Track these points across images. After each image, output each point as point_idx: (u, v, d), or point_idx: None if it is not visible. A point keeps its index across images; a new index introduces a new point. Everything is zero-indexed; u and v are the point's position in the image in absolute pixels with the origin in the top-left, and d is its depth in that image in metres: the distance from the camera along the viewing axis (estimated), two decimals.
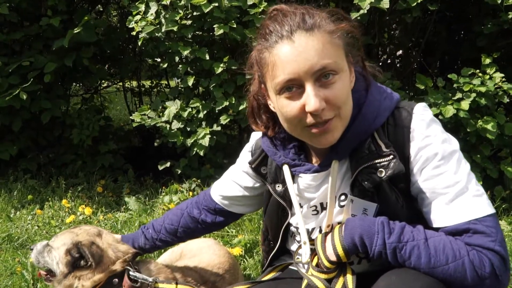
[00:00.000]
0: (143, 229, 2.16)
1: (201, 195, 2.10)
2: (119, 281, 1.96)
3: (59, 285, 1.97)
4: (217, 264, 2.43)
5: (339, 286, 1.45)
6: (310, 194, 1.62)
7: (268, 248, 1.92)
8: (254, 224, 3.44)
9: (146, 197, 4.35)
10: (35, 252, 2.11)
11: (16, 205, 4.34)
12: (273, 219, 1.79)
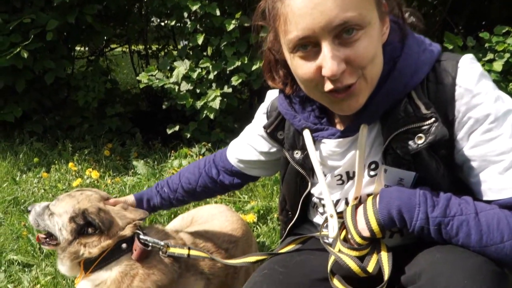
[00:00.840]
0: (158, 188, 2.03)
1: (217, 154, 1.96)
2: (128, 246, 1.85)
3: (63, 252, 1.85)
4: (230, 230, 2.30)
5: (372, 265, 1.30)
6: (335, 162, 1.45)
7: (286, 219, 1.77)
8: (267, 190, 3.30)
9: (155, 161, 4.23)
10: (34, 214, 1.99)
11: (22, 168, 4.24)
12: (291, 188, 1.63)
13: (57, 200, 1.97)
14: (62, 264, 1.86)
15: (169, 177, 2.06)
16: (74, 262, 1.83)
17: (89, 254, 1.81)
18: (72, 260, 1.82)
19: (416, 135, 1.23)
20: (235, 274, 2.12)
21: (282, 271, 1.51)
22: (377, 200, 1.28)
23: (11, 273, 2.52)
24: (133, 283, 1.79)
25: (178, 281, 1.88)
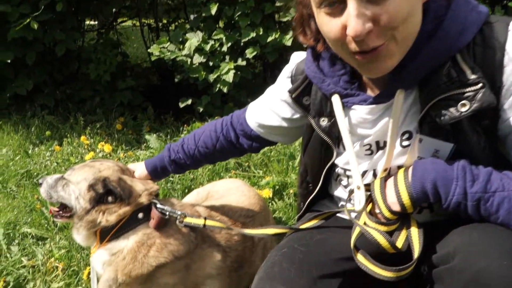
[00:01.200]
0: (171, 155, 1.95)
1: (234, 116, 1.87)
2: (144, 215, 1.81)
3: (80, 221, 1.81)
4: (247, 206, 2.24)
5: (401, 241, 1.23)
6: (365, 131, 1.36)
7: (306, 192, 1.70)
8: (282, 166, 3.23)
9: (167, 136, 4.17)
10: (46, 187, 1.95)
11: (34, 141, 4.21)
12: (315, 158, 1.55)
13: (72, 170, 1.93)
14: (78, 233, 1.83)
15: (182, 140, 1.96)
16: (91, 231, 1.80)
17: (106, 222, 1.77)
18: (89, 229, 1.79)
19: (459, 102, 1.13)
20: (252, 248, 2.07)
21: (302, 250, 1.44)
22: (410, 172, 1.19)
23: (25, 246, 2.51)
24: (149, 253, 1.76)
25: (194, 252, 1.85)
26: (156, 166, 1.99)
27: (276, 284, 1.32)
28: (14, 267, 2.31)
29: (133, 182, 1.89)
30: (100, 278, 1.79)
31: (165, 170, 2.00)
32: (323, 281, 1.34)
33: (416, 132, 1.25)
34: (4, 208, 2.96)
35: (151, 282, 1.76)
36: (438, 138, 1.20)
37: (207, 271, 1.86)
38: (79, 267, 2.23)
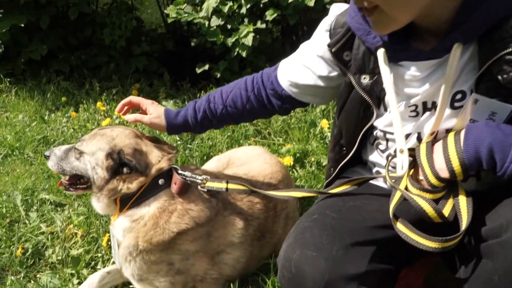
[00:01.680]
0: (198, 116, 1.82)
1: (265, 74, 1.76)
2: (165, 181, 1.75)
3: (99, 191, 1.75)
4: (269, 173, 2.16)
5: (447, 209, 1.14)
6: (412, 89, 1.25)
7: (339, 156, 1.60)
8: (303, 133, 3.13)
9: (184, 102, 4.07)
10: (55, 160, 1.86)
11: (50, 107, 4.16)
12: (352, 119, 1.45)
13: (83, 140, 1.84)
14: (98, 202, 1.77)
15: (207, 98, 1.82)
16: (112, 199, 1.74)
17: (127, 190, 1.71)
18: (110, 197, 1.74)
19: None
20: (275, 217, 2.00)
21: (334, 216, 1.37)
22: (462, 136, 1.09)
23: (43, 213, 2.48)
24: (171, 219, 1.70)
25: (216, 219, 1.79)
26: (177, 123, 1.85)
27: (307, 250, 1.26)
28: (33, 233, 2.28)
29: (149, 149, 1.81)
30: (121, 245, 1.75)
31: (185, 128, 1.88)
32: (356, 248, 1.27)
33: (470, 91, 1.14)
34: (22, 174, 2.93)
35: (172, 249, 1.71)
36: (497, 99, 1.09)
37: (228, 238, 1.80)
38: (98, 233, 2.20)
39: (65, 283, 1.95)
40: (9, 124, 3.80)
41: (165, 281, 1.74)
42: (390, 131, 1.36)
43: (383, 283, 1.32)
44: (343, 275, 1.22)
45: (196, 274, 1.74)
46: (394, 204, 1.22)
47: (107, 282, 1.89)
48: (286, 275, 1.30)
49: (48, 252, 2.15)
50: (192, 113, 1.83)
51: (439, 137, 1.20)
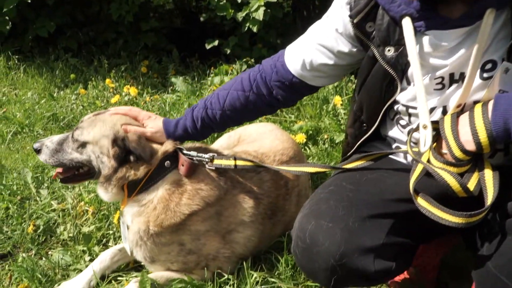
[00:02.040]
0: (197, 124, 1.74)
1: (266, 67, 1.64)
2: (171, 163, 1.71)
3: (107, 181, 1.70)
4: (281, 150, 2.11)
5: (473, 183, 1.09)
6: (439, 60, 1.19)
7: (359, 132, 1.55)
8: (315, 110, 3.06)
9: (194, 79, 4.02)
10: (49, 153, 1.77)
11: (59, 84, 4.13)
12: (374, 94, 1.39)
13: (81, 128, 1.75)
14: (107, 192, 1.71)
15: (204, 104, 1.73)
16: (119, 187, 1.70)
17: (134, 176, 1.67)
18: (118, 186, 1.69)
19: None
20: (286, 195, 1.96)
21: (351, 188, 1.34)
22: (490, 107, 1.04)
23: (54, 190, 2.47)
24: (181, 201, 1.67)
25: (225, 198, 1.76)
26: (178, 136, 1.77)
27: (323, 221, 1.23)
28: (44, 210, 2.28)
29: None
30: (130, 229, 1.72)
31: (187, 138, 1.80)
32: (373, 220, 1.24)
33: (501, 60, 1.08)
34: (32, 152, 2.92)
35: (183, 230, 1.69)
36: None
37: (239, 217, 1.77)
38: (109, 211, 2.18)
39: (76, 260, 1.94)
40: (18, 101, 3.78)
41: (177, 261, 1.72)
42: (413, 106, 1.30)
43: (400, 258, 1.29)
44: (359, 247, 1.20)
45: (208, 253, 1.72)
46: (415, 179, 1.17)
47: (118, 259, 1.88)
48: (300, 245, 1.28)
49: (60, 229, 2.15)
50: (191, 124, 1.75)
51: (466, 111, 1.14)
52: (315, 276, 1.31)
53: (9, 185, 2.47)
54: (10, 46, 4.79)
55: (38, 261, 1.91)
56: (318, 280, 1.33)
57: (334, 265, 1.20)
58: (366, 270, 1.21)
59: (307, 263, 1.29)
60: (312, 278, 1.36)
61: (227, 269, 1.75)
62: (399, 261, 1.28)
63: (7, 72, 4.43)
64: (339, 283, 1.28)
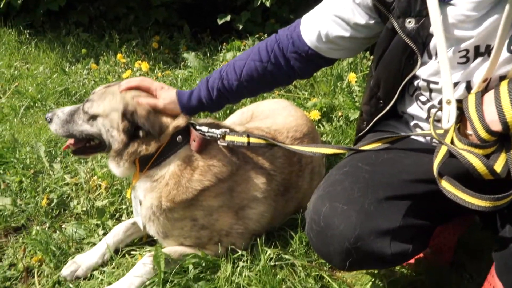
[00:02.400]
0: (212, 95, 1.69)
1: (281, 37, 1.59)
2: (183, 138, 1.69)
3: (118, 155, 1.68)
4: (294, 126, 2.08)
5: (500, 165, 1.05)
6: (464, 32, 1.13)
7: (374, 109, 1.50)
8: (329, 87, 3.01)
9: (205, 55, 3.96)
10: (59, 123, 1.76)
11: (71, 59, 4.11)
12: (392, 69, 1.34)
13: (91, 101, 1.73)
14: (119, 166, 1.70)
15: (219, 74, 1.68)
16: (131, 162, 1.68)
17: (146, 151, 1.65)
18: (130, 161, 1.67)
19: None
20: (299, 172, 1.94)
21: (367, 169, 1.30)
22: None
23: (67, 164, 2.47)
24: (193, 177, 1.65)
25: (237, 173, 1.74)
26: (192, 107, 1.72)
27: (337, 203, 1.21)
28: (57, 184, 2.28)
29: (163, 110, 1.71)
30: (142, 205, 1.71)
31: (200, 110, 1.76)
32: (390, 202, 1.22)
33: None
34: (44, 126, 2.92)
35: (195, 206, 1.68)
36: None
37: (251, 193, 1.76)
38: (122, 186, 2.18)
39: (90, 233, 1.95)
40: (30, 76, 3.77)
41: (190, 237, 1.71)
42: (435, 81, 1.25)
43: (417, 240, 1.27)
44: (375, 229, 1.18)
45: (221, 228, 1.71)
46: (439, 162, 1.13)
47: (132, 233, 1.88)
48: (315, 228, 1.26)
49: (73, 203, 2.15)
50: (206, 94, 1.69)
51: (491, 86, 1.09)
52: (330, 258, 1.30)
53: (22, 158, 2.48)
54: (21, 21, 4.75)
55: (52, 234, 1.93)
56: (333, 262, 1.31)
57: (349, 248, 1.19)
58: (382, 253, 1.19)
59: (321, 246, 1.27)
60: (327, 260, 1.34)
61: (241, 245, 1.74)
62: (416, 243, 1.26)
63: (18, 47, 4.41)
64: (354, 266, 1.26)
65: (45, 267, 1.77)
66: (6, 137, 2.70)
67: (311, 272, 1.66)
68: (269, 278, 1.58)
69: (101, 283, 1.69)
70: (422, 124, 1.40)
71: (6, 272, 1.77)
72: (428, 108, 1.33)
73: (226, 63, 3.39)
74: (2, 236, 2.00)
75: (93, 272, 1.74)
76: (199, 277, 1.65)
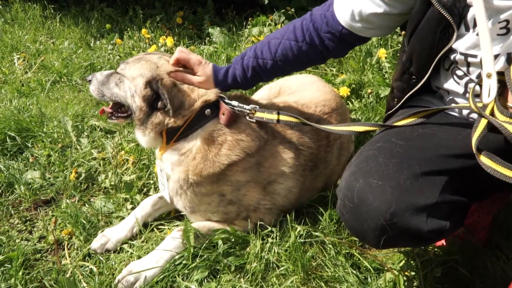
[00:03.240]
0: (247, 73, 1.68)
1: (316, 16, 1.57)
2: (212, 112, 1.66)
3: (142, 124, 1.66)
4: (322, 101, 2.02)
5: None
6: (504, 2, 1.07)
7: (407, 85, 1.45)
8: (358, 63, 2.92)
9: (230, 30, 3.89)
10: (96, 84, 1.78)
11: (95, 34, 4.09)
12: (426, 43, 1.28)
13: (126, 63, 1.73)
14: (144, 135, 1.68)
15: (254, 52, 1.67)
16: (157, 132, 1.66)
17: (174, 124, 1.63)
18: (156, 131, 1.65)
19: None
20: (327, 147, 1.89)
21: (401, 144, 1.26)
22: None
23: (94, 139, 2.48)
24: (221, 151, 1.63)
25: (265, 148, 1.71)
26: (227, 85, 1.72)
27: (371, 179, 1.17)
28: (85, 158, 2.29)
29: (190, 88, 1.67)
30: (170, 178, 1.70)
31: (234, 87, 1.76)
32: (426, 178, 1.17)
33: None
34: (71, 101, 2.93)
35: (223, 181, 1.66)
36: None
37: (279, 168, 1.72)
38: (150, 160, 2.17)
39: (118, 207, 1.95)
40: (56, 50, 3.78)
41: (217, 212, 1.70)
42: (473, 54, 1.20)
43: (454, 217, 1.22)
44: (411, 205, 1.13)
45: (248, 204, 1.69)
46: (478, 136, 1.08)
47: (160, 207, 1.88)
48: (348, 204, 1.22)
49: (101, 177, 2.16)
50: (241, 72, 1.69)
51: None
52: (363, 236, 1.26)
53: (49, 133, 2.49)
54: None
55: (81, 208, 1.94)
56: (367, 240, 1.27)
57: (384, 224, 1.15)
58: (419, 229, 1.14)
59: (354, 222, 1.23)
60: (360, 238, 1.30)
61: (269, 220, 1.72)
62: (452, 220, 1.21)
63: (43, 22, 4.42)
64: (388, 243, 1.22)
65: (75, 240, 1.78)
66: (33, 111, 2.72)
67: (341, 250, 1.64)
68: (299, 255, 1.56)
69: (130, 256, 1.69)
70: (458, 100, 1.34)
71: (36, 245, 1.79)
72: (465, 83, 1.27)
73: (252, 38, 3.34)
74: (31, 209, 2.02)
75: (123, 246, 1.75)
76: (228, 253, 1.64)
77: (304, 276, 1.54)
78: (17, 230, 1.89)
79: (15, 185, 2.11)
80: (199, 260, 1.58)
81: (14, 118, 2.56)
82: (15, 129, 2.50)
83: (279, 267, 1.58)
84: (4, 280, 1.59)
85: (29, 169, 2.24)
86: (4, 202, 2.03)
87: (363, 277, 1.56)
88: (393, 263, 1.59)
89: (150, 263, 1.57)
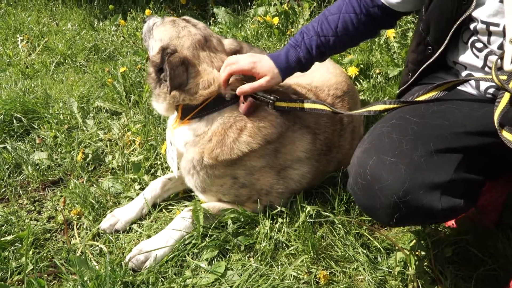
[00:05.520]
0: (312, 53, 1.62)
1: None
2: (232, 97, 1.62)
3: (154, 89, 1.68)
4: (334, 84, 1.99)
5: None
6: None
7: (422, 56, 1.42)
8: (366, 43, 2.87)
9: (235, 11, 3.84)
10: (146, 28, 1.85)
11: (98, 15, 4.04)
12: (445, 9, 1.25)
13: (162, 22, 1.77)
14: (157, 102, 1.69)
15: (315, 31, 1.60)
16: (171, 105, 1.65)
17: (190, 101, 1.61)
18: (169, 103, 1.64)
19: None
20: (341, 131, 1.88)
21: (416, 120, 1.24)
22: None
23: (100, 120, 2.46)
24: (241, 137, 1.59)
25: (285, 135, 1.68)
26: (292, 72, 1.64)
27: (385, 157, 1.16)
28: (92, 140, 2.28)
29: (208, 64, 1.64)
30: (183, 156, 1.69)
31: (297, 69, 1.65)
32: (441, 155, 1.16)
33: None
34: (76, 82, 2.91)
35: (238, 165, 1.64)
36: None
37: (296, 154, 1.70)
38: (157, 141, 2.16)
39: (126, 188, 1.95)
40: (59, 32, 3.74)
41: (229, 194, 1.69)
42: (495, 22, 1.16)
43: (467, 195, 1.21)
44: (424, 183, 1.12)
45: (261, 188, 1.68)
46: (501, 111, 1.06)
47: (169, 188, 1.87)
48: (360, 182, 1.21)
49: (108, 158, 2.15)
50: (306, 53, 1.61)
51: None
52: (375, 213, 1.25)
53: (55, 114, 2.48)
54: None
55: (89, 188, 1.93)
56: (378, 218, 1.27)
57: (397, 202, 1.13)
58: (432, 207, 1.13)
59: (367, 200, 1.22)
60: (372, 215, 1.30)
61: (279, 204, 1.71)
62: (466, 198, 1.19)
63: (46, 3, 4.36)
64: (401, 221, 1.21)
65: (84, 219, 1.78)
66: (38, 93, 2.70)
67: (351, 229, 1.63)
68: (309, 235, 1.55)
69: (140, 236, 1.70)
70: (476, 74, 1.31)
71: (45, 225, 1.80)
72: (484, 55, 1.24)
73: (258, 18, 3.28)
74: (40, 190, 2.02)
75: (132, 226, 1.75)
76: (237, 232, 1.64)
77: (314, 256, 1.54)
78: (26, 210, 1.89)
79: (23, 166, 2.10)
80: (209, 240, 1.58)
81: (20, 99, 2.54)
82: (21, 110, 2.48)
83: (289, 247, 1.58)
84: (15, 259, 1.60)
85: (36, 150, 2.23)
86: (12, 183, 2.03)
87: (373, 256, 1.56)
88: (403, 243, 1.58)
89: (160, 243, 1.56)
